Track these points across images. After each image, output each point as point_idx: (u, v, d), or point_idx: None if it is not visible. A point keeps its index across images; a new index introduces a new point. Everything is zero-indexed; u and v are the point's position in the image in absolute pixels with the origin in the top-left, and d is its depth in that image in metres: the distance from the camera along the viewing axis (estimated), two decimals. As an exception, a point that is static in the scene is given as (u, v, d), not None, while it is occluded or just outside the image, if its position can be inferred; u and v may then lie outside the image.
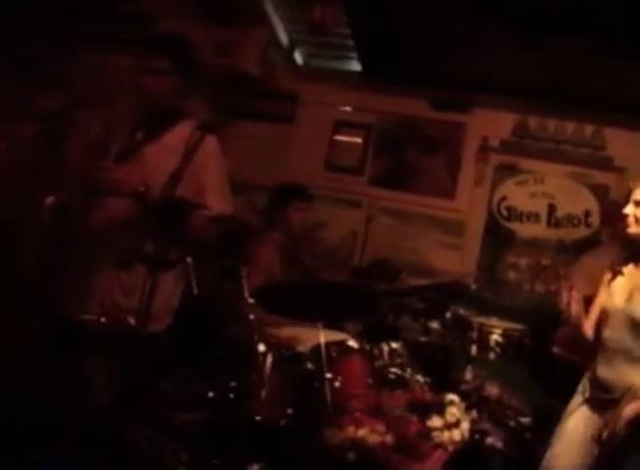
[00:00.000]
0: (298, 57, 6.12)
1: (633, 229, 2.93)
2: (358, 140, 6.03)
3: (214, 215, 3.12)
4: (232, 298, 3.52)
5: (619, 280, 3.03)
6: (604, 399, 2.94)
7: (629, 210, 2.94)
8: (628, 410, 2.75)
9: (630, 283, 2.98)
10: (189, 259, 2.90)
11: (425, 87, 5.76)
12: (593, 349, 3.07)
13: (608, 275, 3.09)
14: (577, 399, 3.09)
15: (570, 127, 5.75)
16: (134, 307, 2.91)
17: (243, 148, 5.89)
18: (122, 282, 3.13)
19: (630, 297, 2.93)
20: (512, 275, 5.73)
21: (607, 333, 2.98)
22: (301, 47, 6.08)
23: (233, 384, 3.35)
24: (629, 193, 2.98)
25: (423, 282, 4.37)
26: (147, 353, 2.81)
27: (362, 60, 5.74)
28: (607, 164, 5.64)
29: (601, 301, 3.10)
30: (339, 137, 6.06)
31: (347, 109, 6.07)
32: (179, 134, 3.13)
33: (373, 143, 6.02)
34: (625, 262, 3.05)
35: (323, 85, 6.01)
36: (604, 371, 2.96)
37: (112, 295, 3.17)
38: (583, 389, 3.10)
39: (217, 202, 3.17)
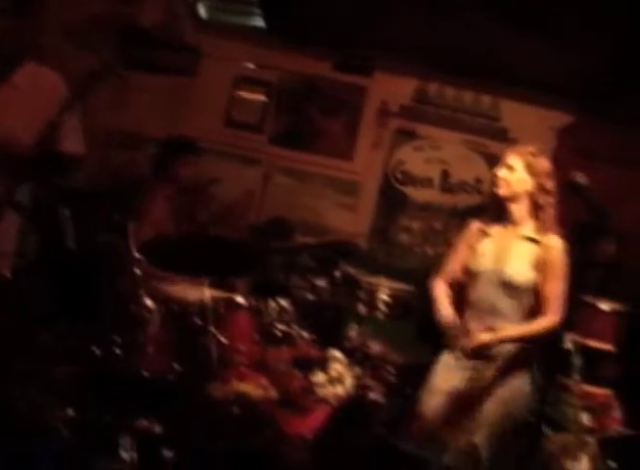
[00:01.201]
0: (203, 10, 5.98)
1: (502, 191, 3.00)
2: (260, 97, 5.99)
3: (62, 153, 3.02)
4: (118, 252, 3.46)
5: (487, 242, 3.07)
6: (480, 356, 2.97)
7: (501, 173, 3.02)
8: (488, 336, 2.89)
9: (499, 244, 3.03)
10: (65, 211, 2.82)
11: (328, 48, 5.76)
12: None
13: (471, 235, 3.12)
14: (446, 356, 3.09)
15: (468, 97, 5.89)
16: None
17: (143, 100, 5.78)
18: None
19: (500, 258, 3.00)
20: (404, 238, 5.88)
21: (476, 293, 3.03)
22: (206, 0, 5.94)
23: (118, 339, 3.31)
24: (504, 158, 3.05)
25: (311, 240, 4.39)
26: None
27: (266, 17, 5.66)
28: (501, 135, 5.83)
29: (463, 260, 3.11)
30: (240, 93, 5.99)
31: (250, 65, 5.99)
32: (29, 76, 3.01)
33: (274, 101, 5.99)
34: (492, 224, 3.09)
35: (226, 40, 5.91)
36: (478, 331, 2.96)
37: None
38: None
39: (69, 143, 3.07)
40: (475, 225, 3.15)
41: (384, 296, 4.32)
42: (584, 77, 5.13)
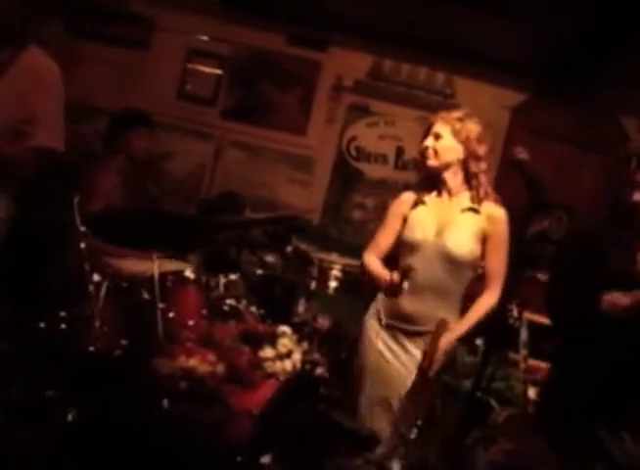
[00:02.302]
0: (154, -20, 5.87)
1: (432, 162, 2.89)
2: (213, 71, 5.91)
3: (37, 148, 2.93)
4: (63, 225, 3.40)
5: (422, 211, 2.96)
6: (410, 331, 2.94)
7: (429, 142, 2.89)
8: (444, 342, 2.78)
9: (437, 216, 2.93)
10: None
11: (283, 22, 5.71)
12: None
13: (402, 205, 3.02)
14: (373, 325, 3.04)
15: (422, 73, 5.90)
16: None
17: (93, 72, 5.68)
18: None
19: (440, 231, 2.90)
20: (357, 214, 5.89)
21: (415, 266, 2.86)
22: (157, -30, 5.83)
23: (64, 314, 3.27)
24: (430, 126, 2.93)
25: (261, 215, 4.37)
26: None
27: (220, -12, 5.59)
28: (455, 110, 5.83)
29: (396, 231, 3.02)
30: (193, 66, 5.91)
31: (203, 38, 5.91)
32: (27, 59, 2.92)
33: (227, 75, 5.92)
34: (426, 193, 2.99)
35: (179, 12, 5.81)
36: (411, 304, 2.92)
37: None
38: (377, 314, 3.04)
39: (46, 136, 2.96)
40: (407, 196, 3.04)
41: (335, 271, 4.32)
42: (539, 56, 5.16)
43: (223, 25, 5.78)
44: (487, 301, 2.90)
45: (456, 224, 2.90)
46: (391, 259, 3.09)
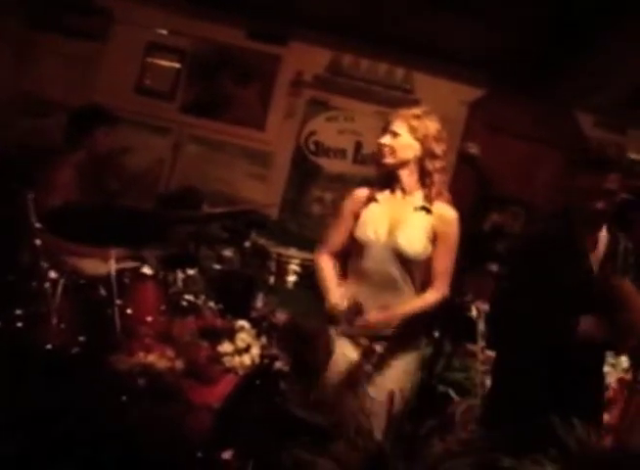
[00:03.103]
0: (113, -27, 5.82)
1: (388, 159, 2.81)
2: (172, 65, 5.89)
3: None
4: (16, 222, 3.36)
5: (375, 210, 2.90)
6: (376, 336, 2.88)
7: (386, 140, 2.82)
8: (365, 317, 2.77)
9: (390, 215, 2.88)
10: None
11: (243, 16, 5.68)
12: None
13: (356, 203, 2.93)
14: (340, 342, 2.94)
15: (382, 69, 5.94)
16: None
17: (50, 64, 5.63)
18: None
19: (392, 229, 2.84)
20: (316, 208, 5.92)
21: (367, 263, 2.86)
22: (116, -38, 5.78)
23: (19, 312, 3.24)
24: (388, 124, 2.84)
25: (219, 210, 4.34)
26: None
27: (179, -18, 5.56)
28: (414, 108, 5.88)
29: (349, 229, 2.92)
30: (152, 60, 5.88)
31: (163, 32, 5.87)
32: None
33: (186, 69, 5.90)
34: (381, 190, 2.91)
35: (139, 5, 5.76)
36: (371, 306, 2.82)
37: None
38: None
39: None
40: (360, 192, 2.96)
41: (293, 266, 4.34)
42: (497, 52, 5.22)
43: (183, 19, 5.76)
44: (428, 298, 2.86)
45: (408, 223, 2.86)
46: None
